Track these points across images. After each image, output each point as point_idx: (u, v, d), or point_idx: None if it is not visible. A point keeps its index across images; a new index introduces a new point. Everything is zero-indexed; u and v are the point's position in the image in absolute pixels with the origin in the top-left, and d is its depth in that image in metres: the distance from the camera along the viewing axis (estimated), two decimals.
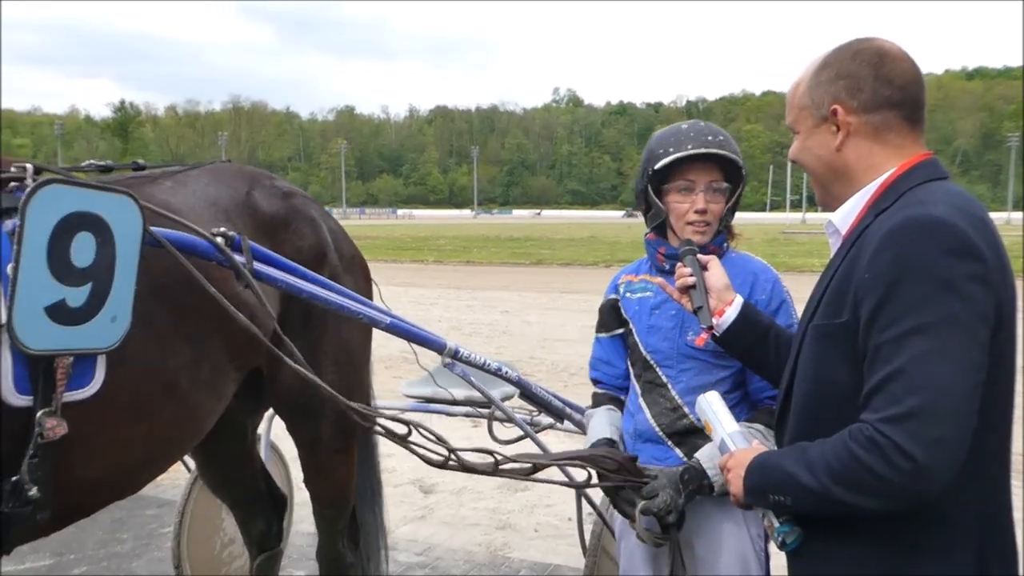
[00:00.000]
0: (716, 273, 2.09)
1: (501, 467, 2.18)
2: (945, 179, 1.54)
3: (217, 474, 3.11)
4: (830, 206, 1.66)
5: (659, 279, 2.29)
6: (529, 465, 2.20)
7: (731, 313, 2.03)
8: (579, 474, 2.41)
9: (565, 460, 2.27)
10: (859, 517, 1.45)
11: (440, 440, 2.15)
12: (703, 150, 2.25)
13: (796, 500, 1.50)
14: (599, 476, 2.27)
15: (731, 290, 2.07)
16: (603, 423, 2.43)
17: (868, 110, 1.55)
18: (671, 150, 2.27)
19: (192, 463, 3.60)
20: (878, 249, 1.41)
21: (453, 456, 2.16)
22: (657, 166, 2.28)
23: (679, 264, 2.16)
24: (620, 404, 2.49)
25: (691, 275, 2.10)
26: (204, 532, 3.65)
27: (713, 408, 1.93)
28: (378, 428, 2.25)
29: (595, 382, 2.57)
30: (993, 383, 1.39)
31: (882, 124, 1.55)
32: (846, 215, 1.60)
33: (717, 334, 2.05)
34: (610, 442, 2.35)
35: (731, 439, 1.82)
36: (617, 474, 2.19)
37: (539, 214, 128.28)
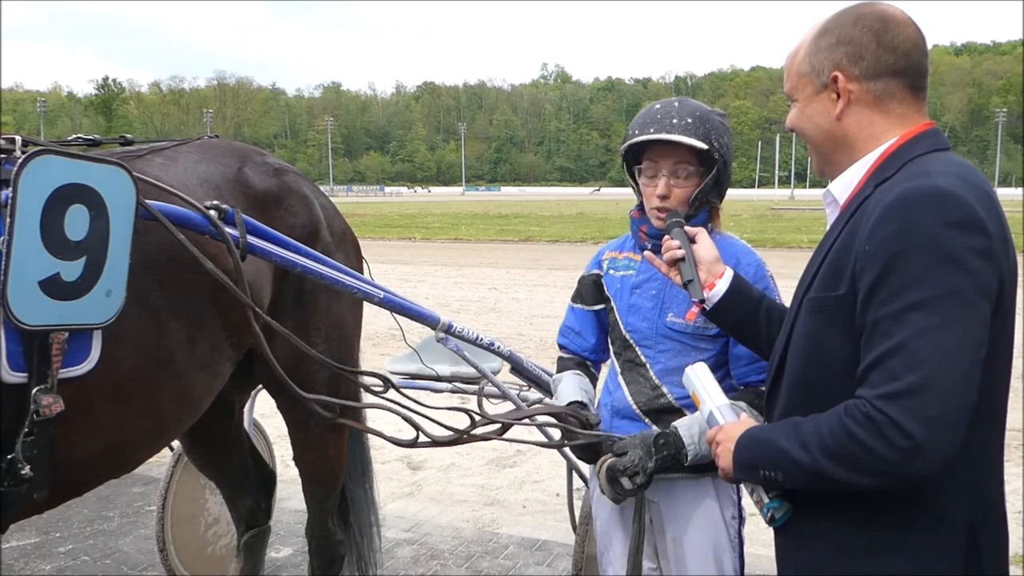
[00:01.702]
0: (705, 245, 2.04)
1: (472, 432, 2.22)
2: (947, 150, 1.51)
3: (205, 452, 3.09)
4: (829, 175, 1.62)
5: (648, 252, 2.22)
6: (498, 426, 2.23)
7: (722, 286, 1.98)
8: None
9: (531, 414, 2.30)
10: (849, 492, 1.43)
11: (410, 413, 2.18)
12: (662, 136, 2.17)
13: (787, 476, 1.47)
14: (565, 434, 2.28)
15: (720, 263, 2.02)
16: (572, 385, 2.40)
17: (870, 77, 1.50)
18: (636, 132, 2.20)
19: (175, 442, 3.59)
20: (879, 220, 1.37)
21: (422, 431, 2.19)
22: (621, 148, 2.24)
23: (666, 236, 2.10)
24: (586, 369, 2.48)
25: (679, 247, 2.04)
26: (188, 512, 3.64)
27: (701, 380, 1.86)
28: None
29: (561, 347, 2.54)
30: (991, 358, 1.36)
31: (884, 92, 1.50)
32: (845, 185, 1.56)
33: (707, 308, 2.01)
34: (580, 404, 2.34)
35: (719, 412, 1.77)
36: (584, 430, 2.21)
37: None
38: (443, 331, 2.61)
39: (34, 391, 1.74)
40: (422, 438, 2.20)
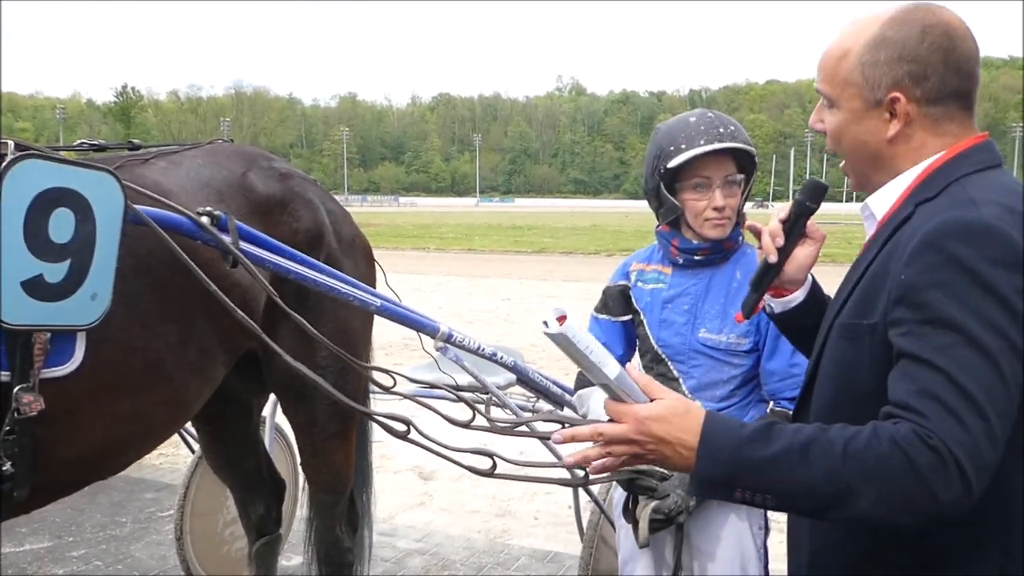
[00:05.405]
0: (808, 252, 1.74)
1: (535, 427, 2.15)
2: (998, 167, 1.41)
3: (221, 453, 3.10)
4: (865, 190, 1.53)
5: (751, 224, 1.93)
6: (558, 425, 2.17)
7: (799, 294, 1.76)
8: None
9: (589, 421, 2.25)
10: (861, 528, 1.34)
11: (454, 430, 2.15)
12: (717, 145, 2.14)
13: (783, 501, 1.28)
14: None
15: (806, 276, 1.77)
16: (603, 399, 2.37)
17: (932, 101, 1.38)
18: (683, 147, 2.16)
19: (196, 445, 3.62)
20: (918, 250, 1.28)
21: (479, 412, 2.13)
22: (670, 165, 2.17)
23: (781, 216, 1.74)
24: None
25: (782, 244, 1.69)
26: (208, 506, 3.67)
27: (581, 338, 1.38)
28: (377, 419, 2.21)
29: None
30: None
31: (943, 115, 1.40)
32: (883, 199, 1.47)
33: (776, 309, 1.79)
34: None
35: (619, 383, 1.37)
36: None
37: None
38: (442, 340, 2.58)
39: (16, 389, 1.75)
40: (478, 421, 2.14)
